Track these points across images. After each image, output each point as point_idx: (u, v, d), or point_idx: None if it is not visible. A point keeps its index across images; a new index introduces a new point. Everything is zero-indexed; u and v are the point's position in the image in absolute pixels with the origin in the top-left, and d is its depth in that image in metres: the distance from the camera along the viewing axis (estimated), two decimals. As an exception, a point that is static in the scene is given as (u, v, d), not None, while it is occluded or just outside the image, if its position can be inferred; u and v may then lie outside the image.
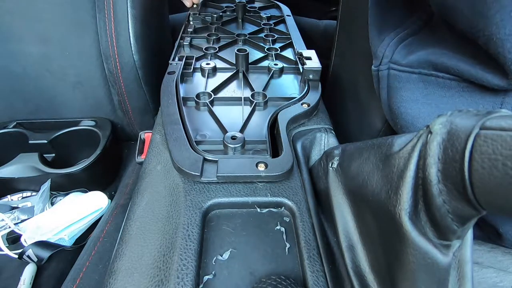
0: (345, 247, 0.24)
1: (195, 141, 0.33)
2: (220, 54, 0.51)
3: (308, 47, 0.50)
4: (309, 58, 0.45)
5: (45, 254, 0.46)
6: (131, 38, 0.57)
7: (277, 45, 0.53)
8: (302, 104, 0.40)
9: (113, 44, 0.57)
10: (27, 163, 0.58)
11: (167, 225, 0.27)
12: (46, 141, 0.61)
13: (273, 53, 0.51)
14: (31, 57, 0.57)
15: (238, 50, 0.44)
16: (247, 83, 0.44)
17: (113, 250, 0.27)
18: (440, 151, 0.15)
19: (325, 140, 0.36)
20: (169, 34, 0.75)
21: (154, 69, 0.64)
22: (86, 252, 0.45)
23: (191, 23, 0.62)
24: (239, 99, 0.41)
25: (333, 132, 0.39)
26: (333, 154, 0.28)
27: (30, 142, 0.61)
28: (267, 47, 0.52)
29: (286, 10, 0.68)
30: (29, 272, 0.47)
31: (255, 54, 0.52)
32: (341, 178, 0.26)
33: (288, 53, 0.52)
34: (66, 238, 0.51)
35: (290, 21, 0.62)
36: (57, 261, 0.49)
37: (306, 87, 0.43)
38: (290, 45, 0.54)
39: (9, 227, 0.50)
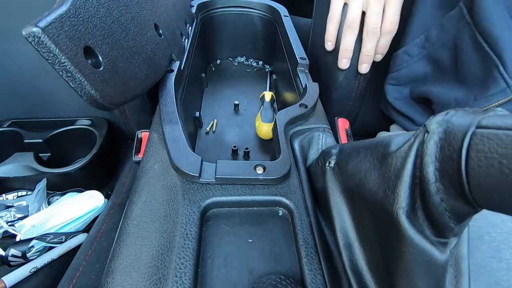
0: (343, 245, 0.25)
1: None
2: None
3: (306, 47, 0.50)
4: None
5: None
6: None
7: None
8: (300, 105, 0.40)
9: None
10: (22, 162, 0.58)
11: (165, 224, 0.27)
12: (41, 140, 0.61)
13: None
14: (27, 56, 0.57)
15: None
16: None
17: (110, 249, 0.27)
18: (437, 150, 0.16)
19: (323, 140, 0.36)
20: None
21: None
22: (83, 251, 0.45)
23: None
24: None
25: (331, 132, 0.39)
26: (331, 154, 0.28)
27: (25, 141, 0.60)
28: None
29: (283, 10, 0.68)
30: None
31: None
32: (339, 177, 0.26)
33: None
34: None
35: (288, 21, 0.62)
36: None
37: (304, 89, 0.43)
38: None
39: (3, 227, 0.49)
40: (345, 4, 0.48)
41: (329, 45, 0.52)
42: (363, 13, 0.47)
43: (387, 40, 0.47)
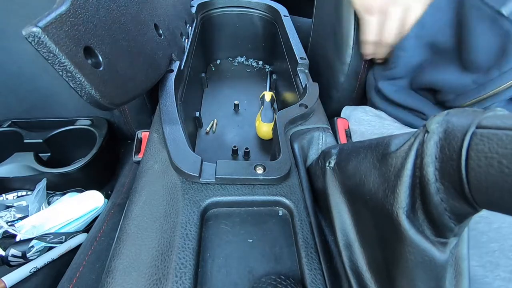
0: (343, 245, 0.25)
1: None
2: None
3: (306, 47, 0.50)
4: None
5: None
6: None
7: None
8: (300, 105, 0.40)
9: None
10: (22, 162, 0.58)
11: (165, 224, 0.27)
12: (41, 140, 0.61)
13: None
14: (27, 56, 0.57)
15: None
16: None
17: (110, 249, 0.27)
18: (437, 150, 0.16)
19: (323, 140, 0.36)
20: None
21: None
22: (83, 251, 0.45)
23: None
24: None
25: (331, 132, 0.39)
26: (331, 154, 0.28)
27: (25, 141, 0.60)
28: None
29: (283, 10, 0.68)
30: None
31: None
32: (339, 177, 0.26)
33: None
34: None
35: (288, 21, 0.62)
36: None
37: (304, 89, 0.43)
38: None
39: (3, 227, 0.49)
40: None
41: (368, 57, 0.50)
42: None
43: None
